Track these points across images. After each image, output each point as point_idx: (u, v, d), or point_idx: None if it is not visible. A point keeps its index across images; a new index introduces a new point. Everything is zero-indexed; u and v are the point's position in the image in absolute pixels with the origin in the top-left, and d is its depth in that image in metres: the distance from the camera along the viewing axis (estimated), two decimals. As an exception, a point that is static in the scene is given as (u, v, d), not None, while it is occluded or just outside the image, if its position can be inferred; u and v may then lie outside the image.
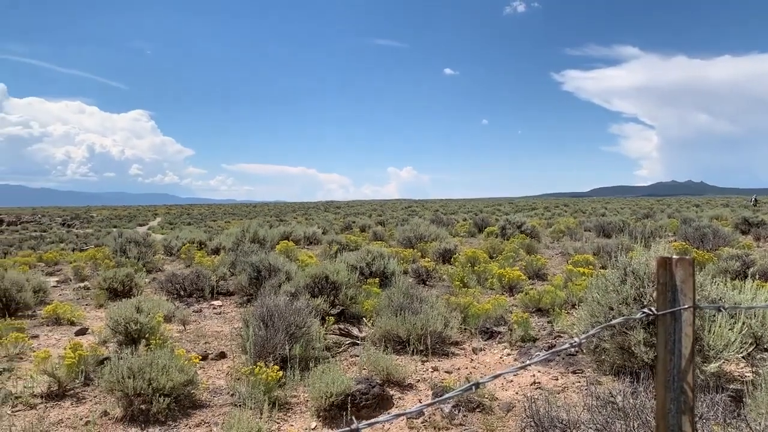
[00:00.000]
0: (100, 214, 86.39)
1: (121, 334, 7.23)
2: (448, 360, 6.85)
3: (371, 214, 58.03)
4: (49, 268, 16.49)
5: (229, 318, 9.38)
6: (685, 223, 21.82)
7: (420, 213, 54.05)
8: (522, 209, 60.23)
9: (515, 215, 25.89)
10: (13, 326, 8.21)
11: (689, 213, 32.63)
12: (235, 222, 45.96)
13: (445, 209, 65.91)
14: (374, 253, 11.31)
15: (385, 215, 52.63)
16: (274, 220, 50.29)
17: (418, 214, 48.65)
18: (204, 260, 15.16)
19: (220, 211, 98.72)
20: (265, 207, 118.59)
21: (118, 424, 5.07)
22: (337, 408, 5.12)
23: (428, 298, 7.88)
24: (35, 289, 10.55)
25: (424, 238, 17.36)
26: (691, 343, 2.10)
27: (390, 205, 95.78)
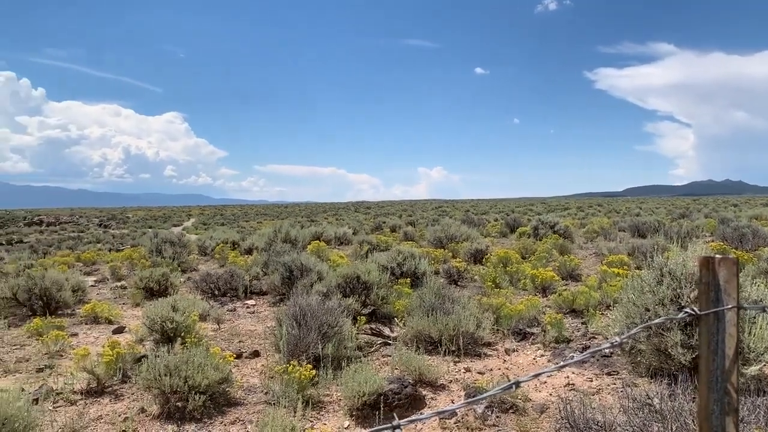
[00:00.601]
0: (135, 215, 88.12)
1: (158, 333, 7.36)
2: (480, 361, 6.80)
3: (401, 214, 58.03)
4: (87, 268, 16.88)
5: (263, 317, 9.48)
6: (722, 223, 21.30)
7: (450, 213, 53.86)
8: (554, 209, 59.58)
9: (548, 215, 25.60)
10: (53, 324, 8.42)
11: (727, 213, 31.84)
12: (267, 222, 46.41)
13: (476, 209, 65.55)
14: (405, 254, 11.31)
15: (415, 215, 52.58)
16: (305, 220, 50.65)
17: (448, 215, 48.48)
18: (237, 260, 15.34)
19: (252, 212, 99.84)
20: (296, 207, 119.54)
21: (155, 421, 5.16)
22: (369, 407, 5.13)
23: (460, 299, 7.84)
24: (74, 288, 10.80)
25: (455, 239, 17.29)
26: (735, 343, 2.06)
27: (420, 206, 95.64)
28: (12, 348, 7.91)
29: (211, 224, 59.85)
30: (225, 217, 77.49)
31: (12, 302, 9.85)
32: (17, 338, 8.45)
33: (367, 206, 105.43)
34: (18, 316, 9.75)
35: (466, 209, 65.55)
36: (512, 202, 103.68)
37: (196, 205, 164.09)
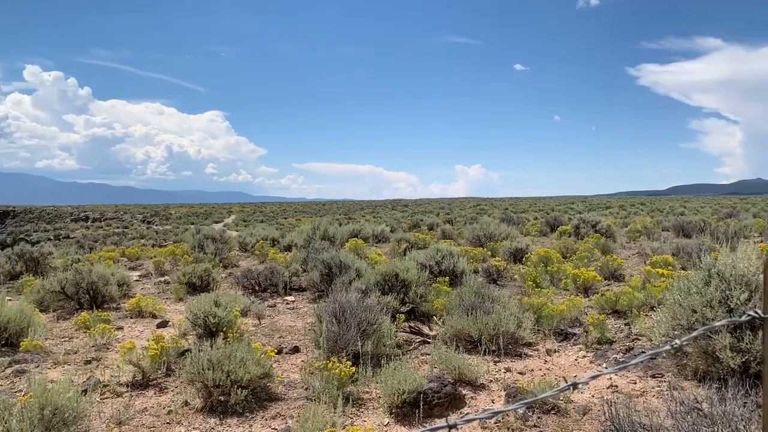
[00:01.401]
0: (177, 212, 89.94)
1: (200, 327, 7.49)
2: (521, 361, 6.74)
3: (439, 212, 57.86)
4: (132, 263, 17.31)
5: (302, 313, 9.56)
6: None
7: (489, 211, 53.45)
8: (596, 208, 58.57)
9: (589, 214, 25.17)
10: (100, 318, 8.66)
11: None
12: (306, 220, 46.85)
13: (515, 207, 64.92)
14: (443, 252, 11.26)
15: (453, 213, 52.35)
16: (343, 218, 50.94)
17: (486, 213, 48.12)
18: (277, 257, 15.52)
19: (291, 209, 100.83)
20: (334, 205, 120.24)
21: (198, 414, 5.26)
22: (409, 405, 5.13)
23: (500, 298, 7.78)
24: (119, 282, 11.09)
25: (494, 237, 17.15)
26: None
27: (458, 204, 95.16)
28: (61, 340, 8.16)
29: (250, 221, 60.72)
30: (264, 214, 78.51)
31: (60, 296, 10.16)
32: (66, 331, 8.72)
33: (404, 204, 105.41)
34: (66, 309, 10.05)
35: (504, 207, 64.98)
36: (552, 201, 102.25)
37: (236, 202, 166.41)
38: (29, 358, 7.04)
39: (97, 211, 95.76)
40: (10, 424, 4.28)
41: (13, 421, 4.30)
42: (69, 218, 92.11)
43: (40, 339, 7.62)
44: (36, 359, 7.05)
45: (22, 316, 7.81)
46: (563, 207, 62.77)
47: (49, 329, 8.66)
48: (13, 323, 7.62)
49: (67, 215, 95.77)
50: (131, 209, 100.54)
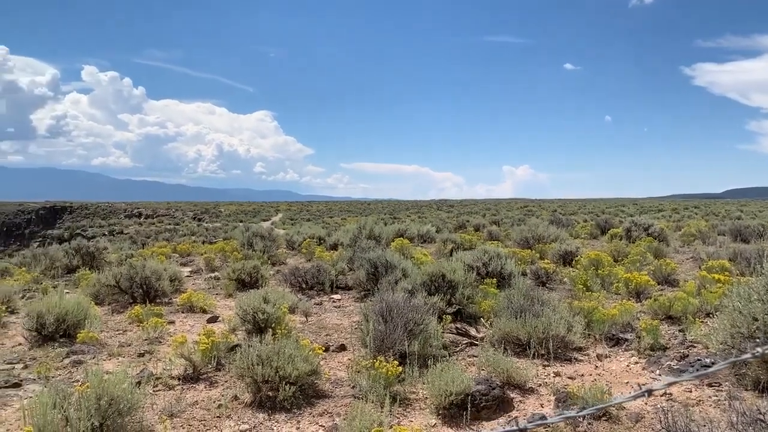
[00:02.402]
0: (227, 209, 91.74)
1: (250, 323, 7.60)
2: (570, 365, 6.60)
3: (485, 213, 57.33)
4: (183, 259, 17.71)
5: (348, 312, 9.60)
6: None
7: (537, 213, 52.68)
8: (647, 210, 57.04)
9: (641, 217, 24.51)
10: (152, 312, 8.88)
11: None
12: (351, 219, 47.11)
13: (564, 209, 63.79)
14: (491, 253, 11.14)
15: (500, 215, 51.80)
16: (388, 217, 51.00)
17: (534, 214, 47.44)
18: (323, 255, 15.63)
19: (336, 208, 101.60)
20: (379, 204, 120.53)
21: (248, 409, 5.33)
22: (456, 407, 5.09)
23: (550, 301, 7.63)
24: (171, 278, 11.36)
25: (542, 239, 16.87)
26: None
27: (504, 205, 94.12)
28: (115, 333, 8.41)
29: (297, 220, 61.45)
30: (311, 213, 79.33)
31: (115, 289, 10.47)
32: (120, 324, 8.97)
33: (449, 204, 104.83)
34: (120, 303, 10.35)
35: (553, 209, 63.93)
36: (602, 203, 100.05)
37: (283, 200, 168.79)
38: (86, 350, 7.28)
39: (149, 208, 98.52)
40: (68, 412, 4.42)
41: (71, 410, 4.44)
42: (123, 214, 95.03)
43: (95, 331, 7.87)
44: (92, 351, 7.28)
45: (79, 309, 8.07)
46: (614, 209, 61.35)
47: (104, 322, 8.94)
48: (71, 315, 7.89)
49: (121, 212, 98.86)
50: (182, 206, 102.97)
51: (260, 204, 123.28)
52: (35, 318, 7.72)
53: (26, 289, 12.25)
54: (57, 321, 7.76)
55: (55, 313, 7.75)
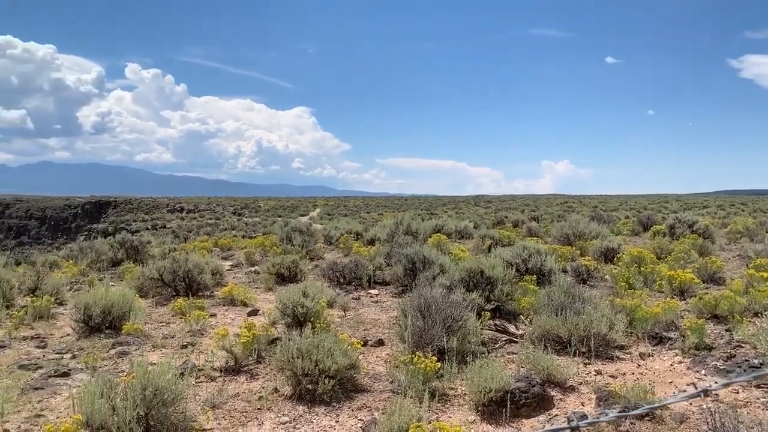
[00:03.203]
0: (266, 204, 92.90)
1: (289, 317, 7.69)
2: (612, 364, 6.48)
3: (524, 209, 56.76)
4: (224, 253, 18.00)
5: (386, 307, 9.62)
6: None
7: (577, 209, 51.89)
8: (692, 207, 55.64)
9: (685, 213, 23.90)
10: (195, 305, 9.05)
11: None
12: (388, 214, 47.16)
13: (605, 206, 62.67)
14: (531, 249, 11.01)
15: (539, 211, 51.19)
16: (425, 213, 50.92)
17: (574, 210, 46.73)
18: (361, 250, 15.69)
19: (373, 204, 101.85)
20: (415, 200, 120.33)
21: (288, 401, 5.40)
22: (495, 404, 5.06)
23: (591, 299, 7.51)
24: (213, 271, 11.56)
25: (583, 236, 16.60)
26: None
27: (544, 201, 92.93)
28: (159, 325, 8.60)
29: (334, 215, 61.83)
30: (348, 208, 79.74)
31: (158, 282, 10.71)
32: (163, 316, 9.18)
33: (487, 200, 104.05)
34: (164, 296, 10.58)
35: (593, 205, 62.86)
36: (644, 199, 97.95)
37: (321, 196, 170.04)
38: (131, 341, 7.46)
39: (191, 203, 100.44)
40: (115, 402, 4.55)
41: (118, 399, 4.56)
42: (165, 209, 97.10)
43: (140, 323, 8.07)
44: (136, 342, 7.46)
45: (124, 301, 8.28)
46: (656, 206, 60.02)
47: (148, 314, 9.14)
48: (116, 307, 8.09)
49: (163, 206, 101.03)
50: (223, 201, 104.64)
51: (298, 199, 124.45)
52: (82, 310, 7.95)
53: (73, 281, 12.62)
54: (103, 313, 7.97)
55: (101, 305, 7.97)
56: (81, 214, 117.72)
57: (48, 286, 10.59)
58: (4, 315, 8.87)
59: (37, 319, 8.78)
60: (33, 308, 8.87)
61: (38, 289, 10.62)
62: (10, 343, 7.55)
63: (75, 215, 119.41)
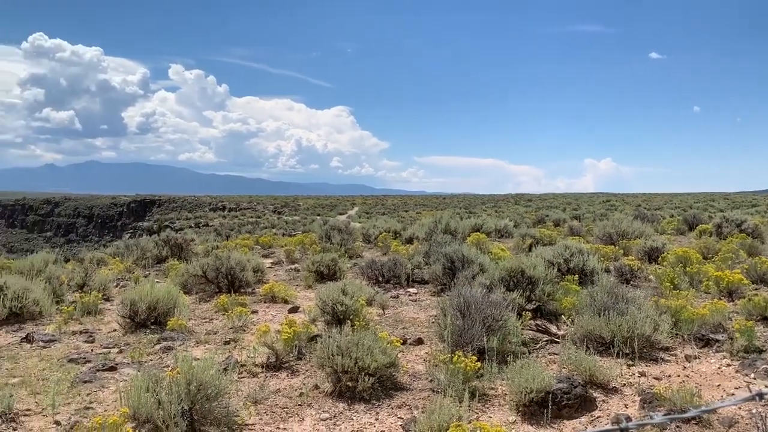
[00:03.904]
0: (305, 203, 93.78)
1: (329, 314, 7.76)
2: (656, 366, 6.35)
3: (565, 207, 55.95)
4: (264, 251, 18.23)
5: (425, 305, 9.61)
6: None
7: (620, 208, 50.90)
8: (740, 205, 53.93)
9: (733, 212, 23.20)
10: (237, 301, 9.20)
11: None
12: (426, 213, 47.06)
13: (649, 204, 61.31)
14: (572, 249, 10.85)
15: (581, 209, 50.39)
16: (464, 212, 50.63)
17: (617, 209, 45.84)
18: (399, 249, 15.70)
19: (411, 202, 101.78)
20: (454, 198, 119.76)
21: (328, 398, 5.45)
22: (536, 405, 5.01)
23: (635, 299, 7.36)
24: (254, 269, 11.73)
25: (626, 235, 16.27)
26: None
27: (586, 199, 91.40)
28: (202, 321, 8.77)
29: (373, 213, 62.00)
30: (386, 207, 79.86)
31: (202, 279, 10.91)
32: (206, 312, 9.35)
33: (527, 198, 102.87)
34: (207, 293, 10.78)
35: (637, 204, 61.54)
36: (689, 197, 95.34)
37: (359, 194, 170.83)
38: (175, 336, 7.63)
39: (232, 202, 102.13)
40: (160, 395, 4.66)
41: (163, 394, 4.67)
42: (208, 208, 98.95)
43: (184, 319, 8.24)
44: (180, 338, 7.63)
45: (169, 297, 8.47)
46: (702, 204, 58.39)
47: (192, 310, 9.34)
48: (161, 304, 8.29)
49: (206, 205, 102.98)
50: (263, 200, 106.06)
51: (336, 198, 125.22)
52: (129, 306, 8.16)
53: (120, 278, 12.96)
54: (149, 309, 8.17)
55: (147, 301, 8.17)
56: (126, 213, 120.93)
57: (96, 283, 10.92)
58: (55, 310, 9.18)
59: (85, 314, 9.05)
60: (81, 304, 9.16)
61: (86, 286, 10.95)
62: (60, 338, 7.81)
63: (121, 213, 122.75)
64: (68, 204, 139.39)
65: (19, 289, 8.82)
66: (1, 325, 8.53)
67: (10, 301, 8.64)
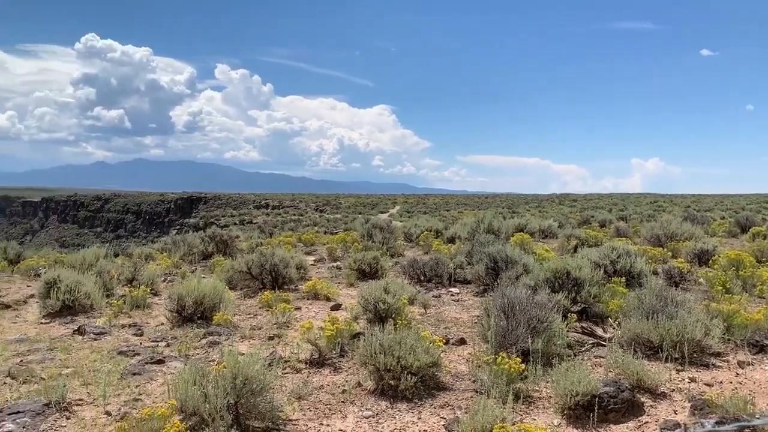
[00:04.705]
0: (347, 201, 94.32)
1: (371, 312, 7.78)
2: (707, 372, 6.16)
3: (611, 208, 54.84)
4: (307, 248, 18.41)
5: (467, 306, 9.55)
6: None
7: (668, 209, 49.61)
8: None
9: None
10: (280, 297, 9.32)
11: None
12: (468, 212, 46.75)
13: (698, 205, 59.58)
14: (619, 250, 10.62)
15: (628, 210, 49.33)
16: (507, 211, 50.13)
17: (665, 210, 44.70)
18: (441, 248, 15.64)
19: (453, 201, 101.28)
20: (496, 198, 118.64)
21: (370, 396, 5.46)
22: (582, 408, 4.92)
23: (684, 303, 7.16)
24: (297, 266, 11.86)
25: (675, 237, 15.85)
26: None
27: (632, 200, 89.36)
28: (247, 316, 8.91)
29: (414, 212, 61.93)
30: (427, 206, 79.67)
31: (246, 275, 11.09)
32: (251, 308, 9.50)
33: (572, 199, 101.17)
34: (251, 288, 10.95)
35: (686, 205, 59.85)
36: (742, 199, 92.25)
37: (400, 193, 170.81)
38: (220, 331, 7.77)
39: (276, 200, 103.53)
40: (207, 389, 4.75)
41: (209, 387, 4.76)
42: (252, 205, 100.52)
43: (229, 314, 8.39)
44: (226, 332, 7.77)
45: (215, 293, 8.63)
46: (756, 206, 56.39)
47: (237, 306, 9.50)
48: (207, 299, 8.46)
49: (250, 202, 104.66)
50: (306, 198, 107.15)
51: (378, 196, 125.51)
52: (176, 300, 8.35)
53: (167, 273, 13.28)
54: (195, 303, 8.35)
55: (193, 296, 8.34)
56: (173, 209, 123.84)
57: (144, 277, 11.21)
58: (105, 303, 9.46)
59: (134, 308, 9.31)
60: (131, 298, 9.42)
61: (135, 280, 11.26)
62: (110, 330, 8.04)
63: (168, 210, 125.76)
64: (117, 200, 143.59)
65: (72, 283, 9.12)
66: (55, 317, 8.84)
67: (63, 294, 8.95)
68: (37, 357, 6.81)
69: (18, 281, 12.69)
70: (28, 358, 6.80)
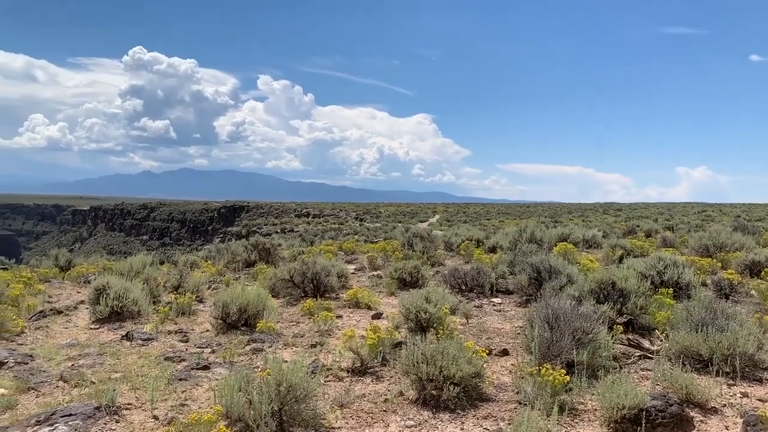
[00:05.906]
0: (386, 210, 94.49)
1: (412, 321, 7.78)
2: (761, 387, 5.96)
3: (657, 217, 53.53)
4: (347, 257, 18.50)
5: (509, 316, 9.45)
6: None
7: (717, 218, 48.19)
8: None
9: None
10: (322, 306, 9.40)
11: None
12: (509, 221, 46.30)
13: (749, 215, 57.65)
14: (667, 261, 10.37)
15: (674, 219, 48.09)
16: (549, 220, 49.43)
17: (714, 219, 43.44)
18: (482, 257, 15.52)
19: (494, 210, 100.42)
20: (538, 207, 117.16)
21: (412, 406, 5.46)
22: (628, 422, 4.82)
23: (735, 315, 6.95)
24: (339, 274, 11.93)
25: (725, 247, 15.38)
26: None
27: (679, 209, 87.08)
28: (289, 324, 9.01)
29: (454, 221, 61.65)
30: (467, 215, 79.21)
31: (289, 283, 11.21)
32: (293, 315, 9.60)
33: (616, 208, 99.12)
34: (293, 296, 11.07)
35: (736, 214, 57.99)
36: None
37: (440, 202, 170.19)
38: (264, 338, 7.88)
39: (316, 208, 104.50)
40: (252, 396, 4.83)
41: (254, 394, 4.84)
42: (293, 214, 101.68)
43: (272, 322, 8.50)
44: (269, 339, 7.87)
45: (258, 301, 8.76)
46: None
47: (280, 314, 9.61)
48: (251, 306, 8.59)
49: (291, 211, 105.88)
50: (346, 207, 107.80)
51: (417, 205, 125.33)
52: (221, 307, 8.51)
53: (212, 280, 13.53)
54: (239, 311, 8.49)
55: (238, 303, 8.49)
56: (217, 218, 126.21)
57: (189, 285, 11.45)
58: (152, 310, 9.69)
59: (180, 314, 9.52)
60: (176, 305, 9.63)
61: (181, 287, 11.51)
62: (157, 336, 8.24)
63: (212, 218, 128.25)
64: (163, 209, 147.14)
65: (120, 290, 9.39)
66: (104, 323, 9.10)
67: (112, 301, 9.22)
68: (87, 361, 7.03)
69: (68, 287, 13.13)
70: (79, 362, 7.03)
